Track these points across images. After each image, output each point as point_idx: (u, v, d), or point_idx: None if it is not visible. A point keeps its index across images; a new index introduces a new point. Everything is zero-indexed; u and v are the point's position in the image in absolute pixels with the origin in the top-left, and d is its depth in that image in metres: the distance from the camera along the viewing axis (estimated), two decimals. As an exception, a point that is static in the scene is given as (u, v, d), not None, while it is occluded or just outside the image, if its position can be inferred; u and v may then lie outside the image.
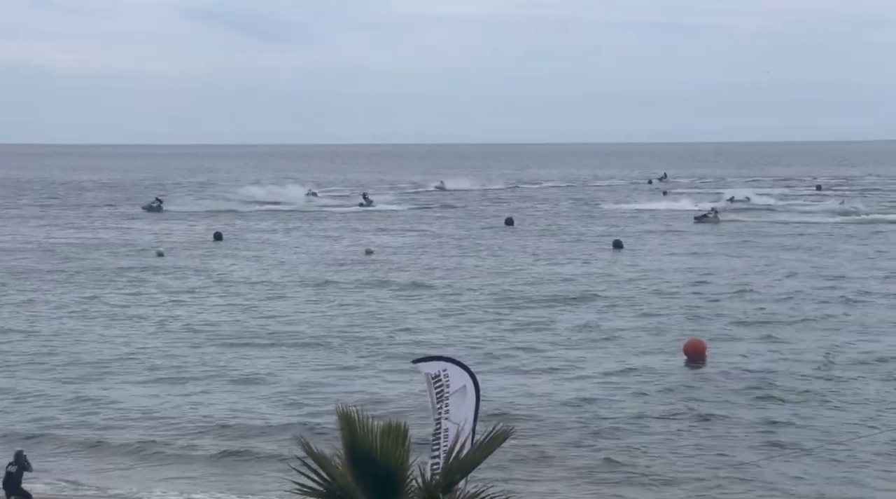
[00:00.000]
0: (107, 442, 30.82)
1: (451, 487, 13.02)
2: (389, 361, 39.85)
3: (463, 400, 17.13)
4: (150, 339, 44.66)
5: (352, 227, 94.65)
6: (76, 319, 49.22)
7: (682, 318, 48.35)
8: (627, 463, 28.46)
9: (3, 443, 30.46)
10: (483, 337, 44.47)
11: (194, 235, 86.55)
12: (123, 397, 35.47)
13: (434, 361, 18.19)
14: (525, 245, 78.45)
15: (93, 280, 61.23)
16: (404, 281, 60.05)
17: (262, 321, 48.26)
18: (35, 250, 75.99)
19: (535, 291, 56.34)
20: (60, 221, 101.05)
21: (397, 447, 12.30)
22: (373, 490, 12.41)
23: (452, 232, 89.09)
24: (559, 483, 27.30)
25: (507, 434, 13.28)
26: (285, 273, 63.84)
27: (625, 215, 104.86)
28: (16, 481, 25.88)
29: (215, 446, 30.28)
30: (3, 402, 35.21)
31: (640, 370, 38.38)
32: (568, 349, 42.17)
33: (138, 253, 74.32)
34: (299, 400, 34.88)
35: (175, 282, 60.50)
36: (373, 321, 48.12)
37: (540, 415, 32.78)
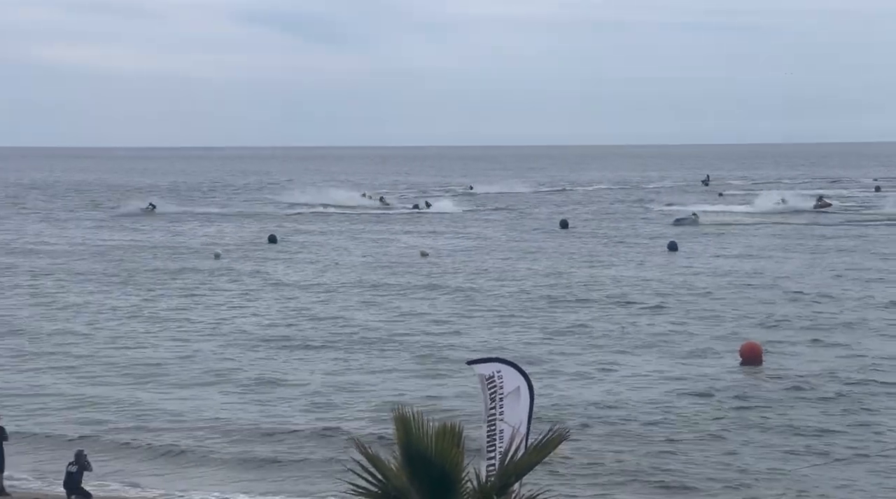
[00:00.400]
0: (159, 445, 31.03)
1: (506, 489, 13.04)
2: (443, 364, 39.91)
3: (517, 402, 17.13)
4: (205, 341, 45.00)
5: (405, 229, 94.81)
6: (133, 322, 49.66)
7: (738, 320, 48.02)
8: (678, 470, 28.30)
9: (65, 445, 30.83)
10: (536, 339, 44.42)
11: (249, 237, 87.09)
12: (177, 399, 35.73)
13: (488, 362, 18.21)
14: (580, 247, 78.23)
15: (152, 282, 61.77)
16: (458, 283, 60.08)
17: (315, 324, 48.47)
18: (91, 252, 76.76)
19: (589, 293, 56.17)
20: (115, 223, 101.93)
21: (452, 448, 12.33)
22: (427, 491, 12.45)
23: (507, 234, 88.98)
24: (609, 488, 27.20)
25: (563, 437, 13.27)
26: (340, 275, 64.08)
27: (680, 216, 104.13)
28: (76, 481, 26.20)
29: (268, 450, 30.43)
30: (60, 403, 35.63)
31: (695, 374, 38.17)
32: (622, 353, 42.01)
33: (195, 255, 74.90)
34: (353, 403, 35.01)
35: (231, 284, 60.94)
36: (426, 324, 48.21)
37: (594, 418, 32.69)
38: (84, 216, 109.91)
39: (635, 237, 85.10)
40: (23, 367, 40.68)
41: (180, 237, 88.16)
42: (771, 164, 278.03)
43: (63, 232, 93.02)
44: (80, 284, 61.07)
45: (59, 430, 32.58)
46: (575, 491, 26.16)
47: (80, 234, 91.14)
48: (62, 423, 33.33)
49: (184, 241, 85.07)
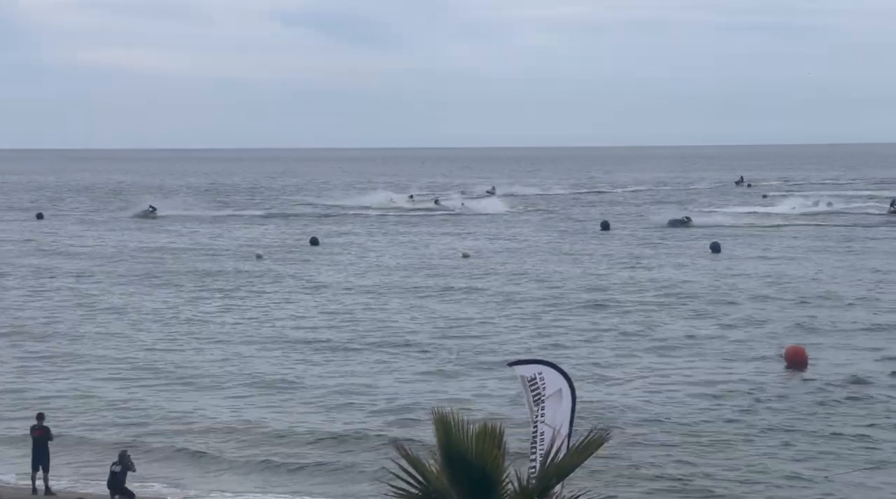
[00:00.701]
0: (199, 447, 31.12)
1: (547, 491, 12.98)
2: (484, 365, 39.86)
3: (559, 404, 17.09)
4: (245, 344, 45.14)
5: (445, 230, 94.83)
6: (175, 324, 49.90)
7: (783, 323, 47.68)
8: (720, 474, 28.12)
9: (109, 446, 31.03)
10: (577, 341, 44.29)
11: (291, 239, 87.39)
12: (218, 402, 35.81)
13: (530, 364, 18.18)
14: (621, 249, 77.94)
15: (194, 284, 62.05)
16: (499, 285, 60.02)
17: (357, 326, 48.52)
18: (132, 254, 77.20)
19: (631, 295, 55.95)
20: (153, 224, 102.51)
21: (493, 450, 12.29)
22: (468, 493, 12.41)
23: (547, 236, 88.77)
24: (650, 492, 27.05)
25: (604, 439, 13.20)
26: (381, 277, 64.15)
27: (723, 218, 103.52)
28: (120, 481, 26.37)
29: (309, 453, 30.46)
30: (103, 405, 35.86)
31: (738, 377, 37.92)
32: (664, 355, 41.81)
33: (237, 256, 75.23)
34: (393, 405, 35.03)
35: (272, 286, 61.15)
36: (467, 326, 48.17)
37: (636, 421, 32.55)
38: (123, 218, 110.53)
39: (676, 239, 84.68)
40: (66, 369, 40.99)
41: (221, 239, 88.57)
42: (812, 164, 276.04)
43: (103, 234, 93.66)
44: (121, 287, 61.44)
45: (103, 431, 32.80)
46: (616, 493, 26.01)
47: (120, 236, 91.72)
48: (105, 425, 33.55)
49: (225, 242, 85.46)
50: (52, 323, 50.02)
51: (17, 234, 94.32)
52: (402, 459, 12.85)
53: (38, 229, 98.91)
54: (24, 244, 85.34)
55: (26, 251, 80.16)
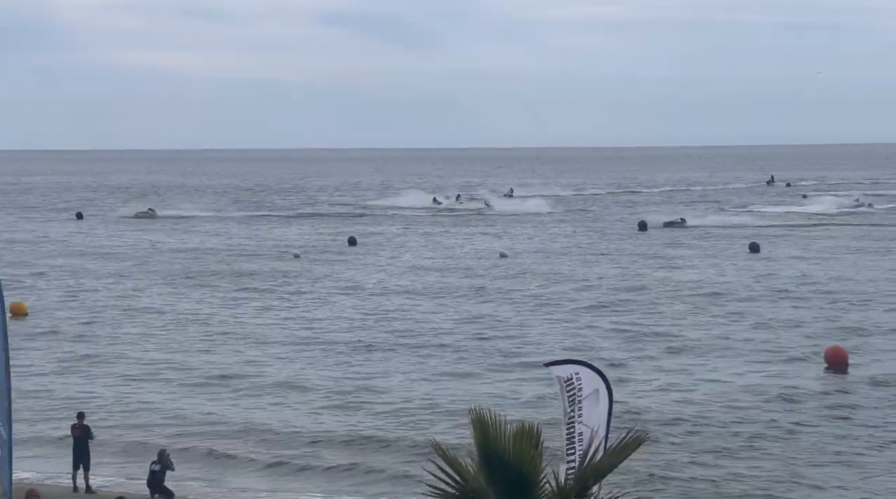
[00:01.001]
0: (237, 449, 31.22)
1: (585, 491, 12.96)
2: (520, 366, 39.86)
3: (596, 404, 17.08)
4: (282, 345, 45.33)
5: (481, 230, 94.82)
6: (212, 324, 50.13)
7: (823, 324, 47.42)
8: (756, 478, 27.99)
9: (149, 445, 31.23)
10: (614, 342, 44.19)
11: (329, 239, 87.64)
12: (255, 403, 35.88)
13: (566, 364, 18.18)
14: (658, 249, 77.68)
15: (232, 284, 62.33)
16: (536, 285, 59.99)
17: (394, 327, 48.59)
18: (174, 254, 77.62)
19: (668, 296, 55.79)
20: (192, 225, 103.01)
21: (530, 450, 12.29)
22: (505, 493, 12.41)
23: (584, 236, 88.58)
24: (688, 494, 26.96)
25: (642, 440, 13.16)
26: (419, 277, 64.24)
27: (762, 217, 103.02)
28: (159, 480, 26.54)
29: (344, 454, 30.49)
30: (140, 404, 36.10)
31: (777, 378, 37.76)
32: (702, 356, 41.66)
33: (274, 256, 75.51)
34: (430, 405, 35.09)
35: (310, 286, 61.34)
36: (504, 326, 48.17)
37: (673, 422, 32.45)
38: (161, 218, 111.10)
39: (714, 239, 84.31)
40: (105, 370, 41.28)
41: (258, 238, 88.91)
42: (849, 163, 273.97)
43: (139, 234, 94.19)
44: (158, 287, 61.75)
45: (142, 431, 33.00)
46: (653, 495, 25.96)
47: (156, 236, 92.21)
48: (144, 424, 33.76)
49: (261, 242, 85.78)
50: (90, 323, 50.38)
51: (57, 234, 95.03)
52: (439, 458, 12.87)
53: (78, 229, 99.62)
54: (64, 245, 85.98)
55: (65, 251, 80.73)
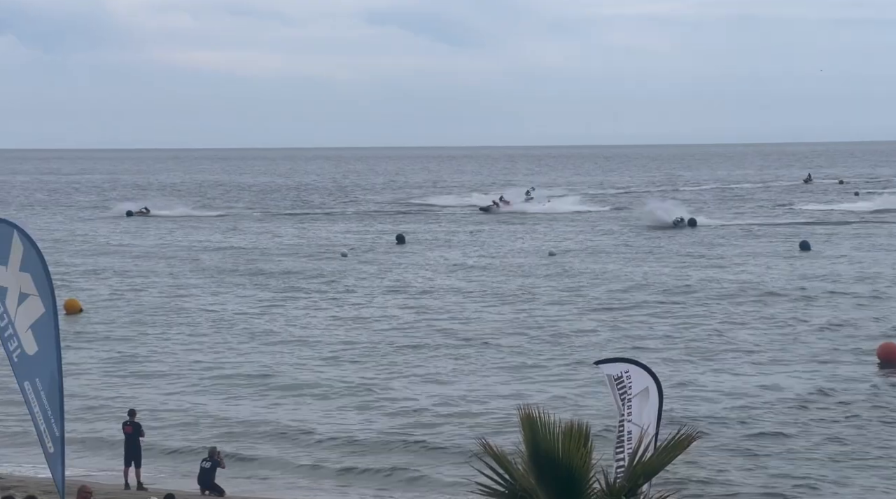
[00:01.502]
0: (286, 449, 31.32)
1: (635, 490, 12.91)
2: (570, 364, 39.77)
3: (646, 402, 17.02)
4: (329, 345, 45.48)
5: (531, 228, 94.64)
6: (261, 324, 50.36)
7: (876, 322, 46.97)
8: (809, 474, 27.78)
9: (201, 444, 31.43)
10: (663, 340, 43.99)
11: (377, 237, 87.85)
12: (302, 404, 35.97)
13: (616, 362, 18.14)
14: (706, 248, 77.21)
15: (282, 283, 62.59)
16: (584, 283, 59.84)
17: (442, 325, 48.60)
18: (224, 253, 78.04)
19: (717, 293, 55.46)
20: (242, 224, 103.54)
21: (579, 448, 12.26)
22: (555, 491, 12.39)
23: (631, 234, 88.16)
24: (739, 492, 26.78)
25: (692, 438, 13.09)
26: (467, 274, 64.21)
27: (812, 215, 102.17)
28: (210, 477, 26.73)
29: (392, 454, 30.54)
30: (191, 402, 36.34)
31: (829, 375, 37.45)
32: (752, 352, 41.38)
33: (323, 254, 75.78)
34: (478, 404, 35.07)
35: (357, 285, 61.47)
36: (553, 324, 48.07)
37: (723, 420, 32.26)
38: (207, 217, 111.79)
39: (764, 237, 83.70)
40: (154, 368, 41.58)
41: (306, 237, 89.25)
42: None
43: (189, 232, 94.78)
44: (207, 286, 62.14)
45: (194, 428, 33.23)
46: (704, 493, 25.82)
47: (208, 236, 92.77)
48: (195, 422, 33.98)
49: (309, 240, 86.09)
50: (140, 322, 50.74)
51: (107, 231, 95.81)
52: (488, 456, 12.86)
53: (127, 228, 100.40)
54: (114, 242, 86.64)
55: (115, 249, 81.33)
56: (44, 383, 17.68)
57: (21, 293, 17.50)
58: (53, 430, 17.85)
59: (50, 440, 17.87)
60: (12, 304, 17.55)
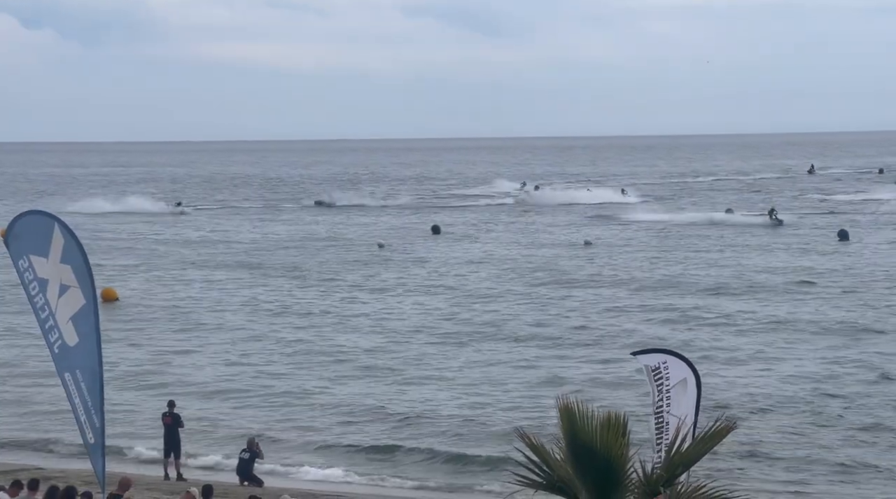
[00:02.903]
0: (322, 435, 31.52)
1: (673, 480, 12.87)
2: (609, 354, 39.71)
3: (684, 393, 17.00)
4: (366, 333, 45.62)
5: (569, 220, 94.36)
6: (295, 315, 50.56)
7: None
8: (851, 463, 27.67)
9: (238, 435, 31.63)
10: (701, 330, 43.84)
11: (413, 228, 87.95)
12: (335, 390, 36.12)
13: (654, 353, 18.12)
14: (743, 238, 76.85)
15: (320, 273, 62.78)
16: (619, 273, 59.71)
17: (476, 316, 48.59)
18: (264, 243, 78.37)
19: (754, 283, 55.23)
20: (273, 215, 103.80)
21: (617, 439, 12.24)
22: (593, 482, 12.38)
23: (666, 224, 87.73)
24: (778, 479, 26.71)
25: (731, 428, 13.04)
26: (502, 265, 64.13)
27: (852, 205, 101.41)
28: (249, 468, 26.86)
29: (427, 442, 30.62)
30: (232, 393, 36.52)
31: (866, 365, 37.25)
32: (790, 345, 41.20)
33: (359, 245, 75.97)
34: (516, 394, 35.10)
35: (392, 276, 61.56)
36: (590, 313, 48.00)
37: (762, 409, 32.16)
38: (252, 208, 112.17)
39: (806, 228, 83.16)
40: (194, 360, 41.82)
41: (344, 227, 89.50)
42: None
43: (222, 223, 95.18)
44: (247, 278, 62.41)
45: (233, 419, 33.40)
46: (743, 483, 25.72)
47: (239, 225, 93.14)
48: (235, 412, 34.17)
49: (347, 231, 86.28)
50: (179, 311, 51.02)
51: (154, 224, 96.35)
52: (525, 447, 12.87)
53: (174, 221, 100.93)
54: (158, 233, 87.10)
55: (160, 240, 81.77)
56: (84, 375, 17.80)
57: (62, 285, 17.63)
58: (94, 421, 17.97)
59: (90, 431, 18.00)
60: (53, 295, 17.69)
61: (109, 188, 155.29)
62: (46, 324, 17.80)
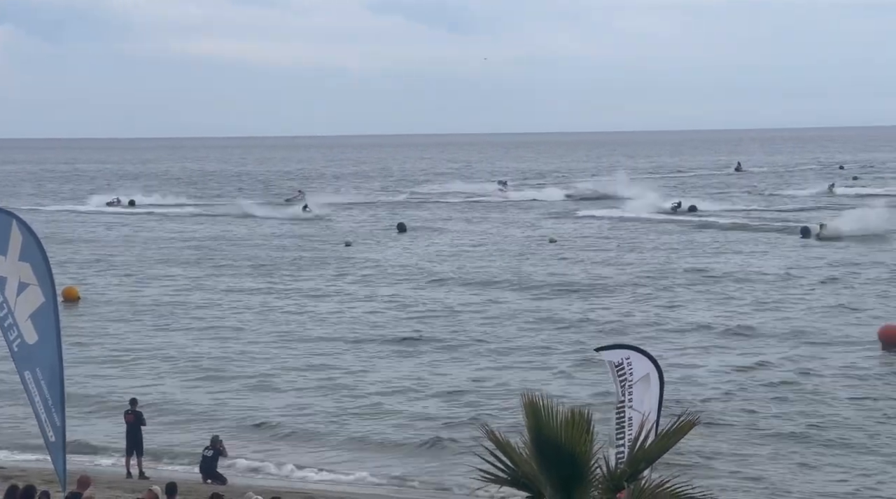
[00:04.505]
0: (289, 431, 31.41)
1: (636, 476, 12.90)
2: (572, 350, 39.78)
3: (647, 389, 17.03)
4: (326, 330, 45.54)
5: (533, 217, 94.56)
6: (262, 312, 50.39)
7: (881, 304, 47.13)
8: (808, 461, 27.81)
9: (200, 432, 31.48)
10: (664, 327, 43.97)
11: (380, 225, 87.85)
12: (296, 396, 35.87)
13: (617, 349, 18.14)
14: (705, 235, 77.25)
15: (284, 272, 62.60)
16: (583, 270, 59.88)
17: (445, 315, 48.55)
18: (227, 240, 78.09)
19: (713, 279, 55.59)
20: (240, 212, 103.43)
21: (582, 435, 12.24)
22: (557, 478, 12.38)
23: (620, 222, 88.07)
24: (741, 475, 26.81)
25: (693, 423, 13.08)
26: (469, 263, 64.20)
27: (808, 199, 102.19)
28: (212, 465, 26.74)
29: (393, 437, 30.59)
30: (185, 391, 36.36)
31: (832, 357, 37.52)
32: (749, 339, 41.43)
33: (327, 242, 75.82)
34: (480, 393, 35.10)
35: (359, 271, 61.47)
36: (555, 310, 48.09)
37: (726, 404, 32.29)
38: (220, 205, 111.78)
39: (764, 222, 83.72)
40: (156, 357, 41.58)
41: (310, 225, 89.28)
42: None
43: (188, 223, 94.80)
44: (212, 278, 62.17)
45: (194, 417, 33.24)
46: (706, 478, 25.80)
47: (212, 224, 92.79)
48: (196, 410, 34.00)
49: (314, 229, 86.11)
50: (150, 310, 50.74)
51: (114, 222, 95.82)
52: (490, 443, 12.85)
53: (139, 220, 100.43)
54: (103, 232, 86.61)
55: (106, 240, 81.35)
56: (44, 373, 17.65)
57: (21, 283, 17.45)
58: (54, 419, 17.82)
59: (51, 430, 17.85)
60: (12, 293, 17.51)
61: (71, 185, 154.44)
62: (5, 322, 17.63)
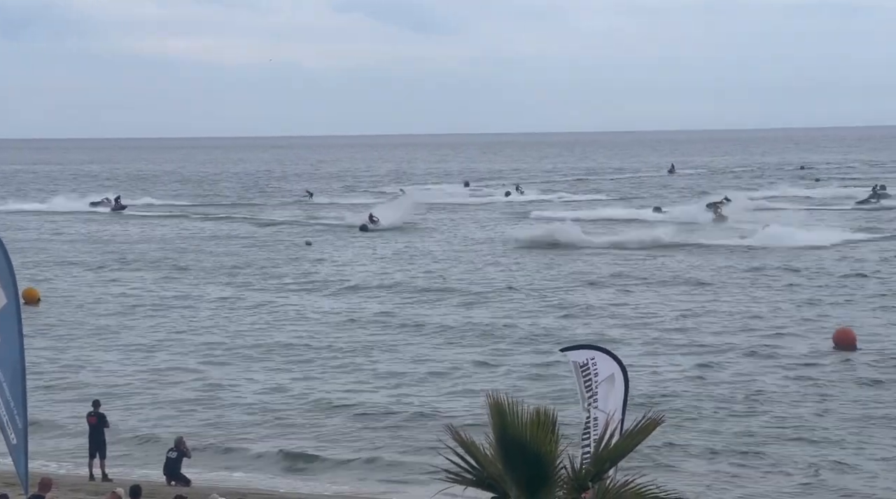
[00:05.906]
0: (243, 443, 31.22)
1: (601, 475, 12.97)
2: (537, 351, 39.85)
3: (611, 389, 17.13)
4: (283, 330, 45.43)
5: (496, 219, 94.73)
6: (215, 309, 50.22)
7: (837, 307, 47.47)
8: (771, 453, 28.02)
9: (164, 434, 31.35)
10: (627, 328, 44.13)
11: (342, 226, 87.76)
12: (260, 391, 35.88)
13: (582, 349, 18.22)
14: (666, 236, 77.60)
15: (245, 274, 62.38)
16: (538, 272, 60.02)
17: (403, 317, 48.54)
18: (188, 242, 77.80)
19: (671, 277, 55.87)
20: (211, 211, 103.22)
21: (547, 435, 12.30)
22: (522, 478, 12.43)
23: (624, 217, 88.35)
24: (695, 477, 26.96)
25: (658, 423, 13.18)
26: (426, 265, 64.21)
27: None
28: (176, 467, 26.60)
29: (359, 439, 30.55)
30: (149, 392, 36.18)
31: (785, 360, 37.84)
32: (714, 333, 41.66)
33: (287, 242, 75.66)
34: (443, 391, 35.12)
35: (316, 269, 61.35)
36: (519, 311, 48.17)
37: (688, 403, 32.44)
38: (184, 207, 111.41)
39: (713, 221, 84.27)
40: (119, 358, 41.32)
41: (271, 225, 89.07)
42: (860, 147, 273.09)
43: (151, 224, 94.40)
44: (177, 280, 61.82)
45: (159, 419, 33.04)
46: (670, 477, 25.95)
47: (175, 225, 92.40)
48: (160, 412, 33.81)
49: (276, 230, 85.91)
50: (112, 313, 50.43)
51: (75, 223, 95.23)
52: (455, 443, 12.87)
53: (107, 219, 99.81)
54: (77, 233, 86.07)
55: (60, 239, 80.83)
56: (6, 374, 17.55)
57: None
58: (16, 421, 17.72)
59: (12, 431, 17.74)
60: (-27, 295, 17.38)
61: (30, 186, 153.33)
62: (-33, 323, 17.50)
